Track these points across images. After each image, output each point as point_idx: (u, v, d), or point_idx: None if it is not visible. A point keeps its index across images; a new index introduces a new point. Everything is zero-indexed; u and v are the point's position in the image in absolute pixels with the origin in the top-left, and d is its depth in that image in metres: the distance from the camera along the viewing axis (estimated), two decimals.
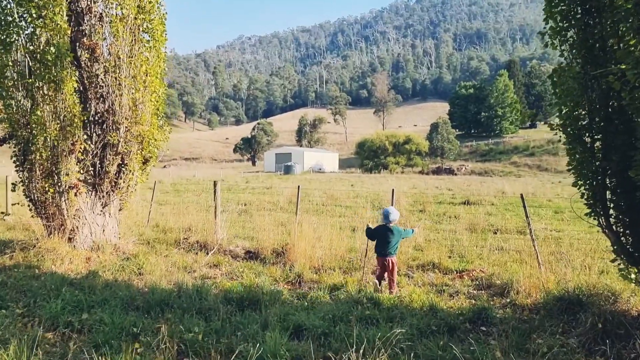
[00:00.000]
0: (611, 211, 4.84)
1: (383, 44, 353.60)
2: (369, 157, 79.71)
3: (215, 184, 8.53)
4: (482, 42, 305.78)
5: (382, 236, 6.79)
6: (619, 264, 4.95)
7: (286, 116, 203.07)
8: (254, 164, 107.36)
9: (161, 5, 9.01)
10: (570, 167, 5.06)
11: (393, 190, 8.10)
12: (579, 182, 4.95)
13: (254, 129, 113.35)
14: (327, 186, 31.68)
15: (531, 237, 7.17)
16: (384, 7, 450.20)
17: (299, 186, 9.54)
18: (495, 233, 11.10)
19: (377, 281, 6.79)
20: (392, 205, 8.40)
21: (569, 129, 4.93)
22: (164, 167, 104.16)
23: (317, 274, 7.28)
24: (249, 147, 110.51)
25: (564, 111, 4.99)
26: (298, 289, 6.69)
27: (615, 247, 4.89)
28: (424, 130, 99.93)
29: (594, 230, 11.50)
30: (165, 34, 9.18)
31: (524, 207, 7.03)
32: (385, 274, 6.80)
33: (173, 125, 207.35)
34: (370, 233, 6.95)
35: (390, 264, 6.71)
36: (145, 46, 8.83)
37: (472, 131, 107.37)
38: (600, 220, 4.95)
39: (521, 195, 6.98)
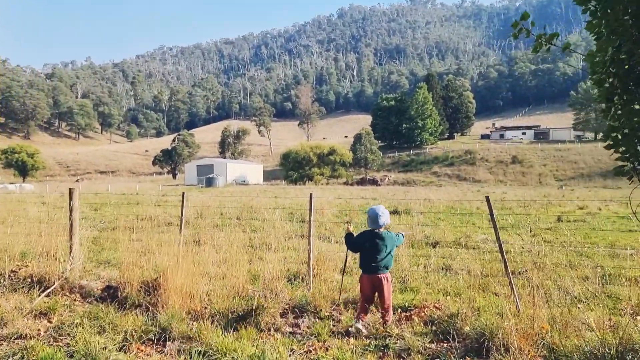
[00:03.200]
0: None
1: (307, 57, 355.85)
2: (294, 168, 78.39)
3: (71, 192, 6.18)
4: (401, 57, 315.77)
5: (370, 246, 5.10)
6: None
7: (209, 128, 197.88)
8: (174, 176, 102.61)
9: None
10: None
11: (311, 195, 6.37)
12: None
13: (174, 141, 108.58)
14: (249, 198, 29.75)
15: (503, 258, 5.29)
16: (307, 21, 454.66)
17: (183, 193, 7.44)
18: (435, 247, 9.77)
19: (359, 325, 4.89)
20: (310, 216, 6.59)
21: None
22: (77, 180, 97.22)
23: (198, 321, 4.83)
24: (169, 160, 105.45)
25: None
26: (161, 353, 4.33)
27: None
28: (348, 142, 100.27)
29: (539, 240, 10.52)
30: None
31: (491, 214, 5.33)
32: (376, 296, 5.16)
33: (88, 137, 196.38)
34: (353, 242, 5.23)
35: (384, 284, 5.06)
36: None
37: (394, 142, 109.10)
38: None
39: (487, 197, 5.44)
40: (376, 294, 5.18)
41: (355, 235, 5.33)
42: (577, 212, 19.51)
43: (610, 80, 3.22)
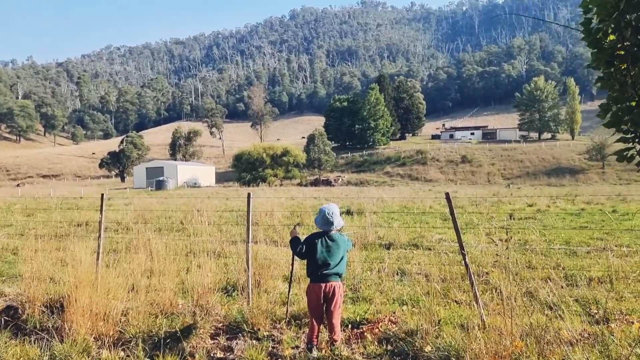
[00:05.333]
0: None
1: (259, 58, 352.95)
2: (247, 169, 77.08)
3: None
4: (353, 58, 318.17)
5: (322, 250, 4.41)
6: None
7: (160, 129, 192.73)
8: (122, 180, 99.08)
9: None
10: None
11: (249, 195, 5.57)
12: None
13: (122, 142, 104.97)
14: (198, 200, 28.67)
15: (465, 262, 4.66)
16: (259, 22, 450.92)
17: (102, 195, 6.59)
18: (389, 248, 9.28)
19: (314, 355, 4.19)
20: (248, 219, 5.65)
21: None
22: (17, 185, 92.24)
23: (109, 350, 3.89)
24: (117, 162, 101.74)
25: None
26: None
27: None
28: (302, 143, 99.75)
29: (492, 240, 10.24)
30: None
31: (451, 211, 4.73)
32: (326, 309, 4.43)
33: (30, 140, 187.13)
34: (300, 246, 4.48)
35: (335, 293, 4.38)
36: None
37: (347, 143, 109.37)
38: None
39: (447, 194, 4.88)
40: (324, 306, 4.47)
41: (303, 238, 4.64)
42: (527, 209, 19.67)
43: (617, 34, 2.50)
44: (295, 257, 4.80)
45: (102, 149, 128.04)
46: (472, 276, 4.64)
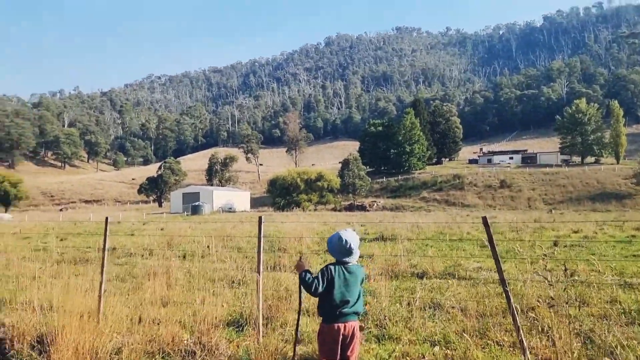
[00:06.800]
0: None
1: (294, 84, 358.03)
2: (281, 194, 77.16)
3: None
4: (388, 84, 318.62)
5: (340, 285, 3.78)
6: None
7: (197, 155, 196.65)
8: (160, 205, 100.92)
9: None
10: None
11: (260, 219, 5.06)
12: None
13: (160, 168, 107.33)
14: (231, 225, 28.51)
15: (506, 295, 3.99)
16: (295, 49, 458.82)
17: (107, 218, 6.17)
18: (422, 278, 8.60)
19: None
20: (259, 246, 5.19)
21: None
22: (60, 210, 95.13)
23: None
24: (155, 188, 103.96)
25: None
26: None
27: None
28: (336, 168, 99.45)
29: (537, 269, 9.44)
30: None
31: (489, 237, 4.12)
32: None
33: (74, 166, 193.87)
34: (315, 282, 3.76)
35: (354, 335, 3.79)
36: None
37: (382, 168, 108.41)
38: None
39: (484, 218, 4.28)
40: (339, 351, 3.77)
41: (312, 273, 3.89)
42: (572, 236, 18.55)
43: None
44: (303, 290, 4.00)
45: (142, 175, 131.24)
46: (516, 314, 3.98)
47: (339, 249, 3.96)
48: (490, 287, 6.92)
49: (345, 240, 3.94)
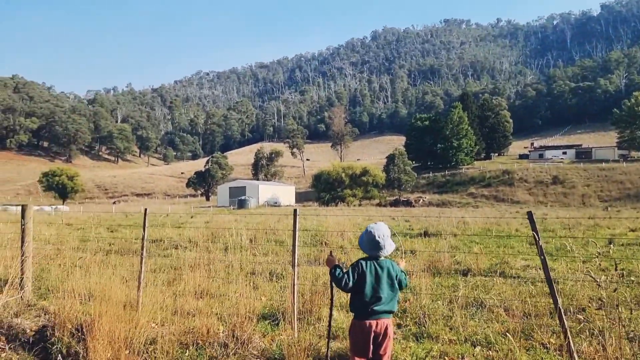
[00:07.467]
0: None
1: (340, 79, 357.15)
2: (326, 189, 77.23)
3: (23, 210, 5.14)
4: (435, 77, 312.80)
5: (371, 281, 3.66)
6: None
7: (243, 150, 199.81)
8: (207, 198, 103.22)
9: None
10: None
11: (295, 211, 5.00)
12: None
13: (207, 163, 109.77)
14: (276, 219, 28.75)
15: (552, 294, 3.78)
16: (341, 44, 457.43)
17: (145, 209, 6.13)
18: (466, 275, 8.32)
19: None
20: (294, 239, 5.05)
21: None
22: (113, 203, 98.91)
23: None
24: (203, 182, 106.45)
25: None
26: None
27: None
28: (381, 163, 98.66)
29: (590, 268, 8.99)
30: None
31: (535, 232, 3.89)
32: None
33: (126, 160, 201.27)
34: (346, 277, 3.67)
35: (387, 334, 3.65)
36: None
37: (429, 163, 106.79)
38: None
39: (529, 213, 4.02)
40: (371, 349, 3.64)
41: (344, 268, 3.82)
42: (629, 234, 17.63)
43: None
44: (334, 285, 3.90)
45: (190, 169, 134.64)
46: (562, 314, 3.74)
47: (368, 243, 3.86)
48: (539, 286, 6.61)
49: (374, 232, 3.82)
